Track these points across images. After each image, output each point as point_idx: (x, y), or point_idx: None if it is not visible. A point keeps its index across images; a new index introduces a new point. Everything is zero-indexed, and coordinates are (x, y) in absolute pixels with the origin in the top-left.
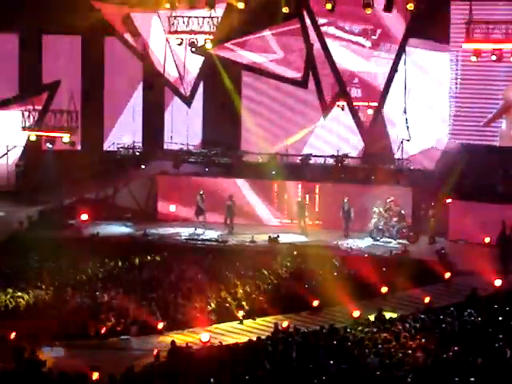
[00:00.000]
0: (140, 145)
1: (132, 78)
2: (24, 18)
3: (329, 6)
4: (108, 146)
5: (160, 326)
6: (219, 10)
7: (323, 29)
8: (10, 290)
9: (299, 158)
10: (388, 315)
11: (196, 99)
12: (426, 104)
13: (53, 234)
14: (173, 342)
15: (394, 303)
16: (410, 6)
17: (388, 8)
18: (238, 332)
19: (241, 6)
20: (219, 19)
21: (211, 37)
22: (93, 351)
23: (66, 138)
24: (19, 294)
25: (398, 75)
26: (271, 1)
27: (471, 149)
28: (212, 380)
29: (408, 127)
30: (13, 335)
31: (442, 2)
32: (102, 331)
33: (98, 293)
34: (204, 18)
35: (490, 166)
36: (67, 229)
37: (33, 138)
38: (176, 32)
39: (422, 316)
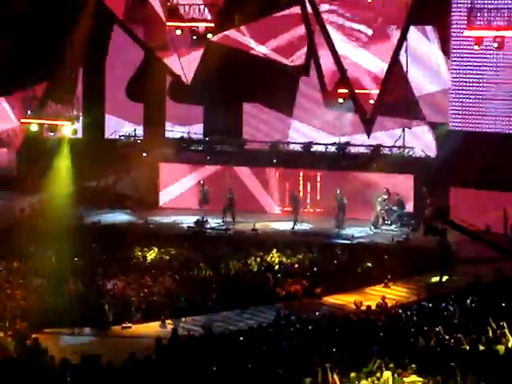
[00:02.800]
0: (141, 133)
1: (133, 66)
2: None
3: None
4: (109, 133)
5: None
6: None
7: (324, 16)
8: None
9: (301, 145)
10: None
11: (197, 87)
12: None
13: (54, 222)
14: (174, 330)
15: (396, 291)
16: None
17: None
18: (239, 319)
19: None
20: (220, 7)
21: (212, 25)
22: (95, 339)
23: (67, 128)
24: None
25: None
26: None
27: (472, 136)
28: (214, 368)
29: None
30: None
31: None
32: (105, 319)
33: (100, 281)
34: (205, 5)
35: (491, 153)
36: (69, 217)
37: (34, 127)
38: (177, 20)
39: (424, 303)
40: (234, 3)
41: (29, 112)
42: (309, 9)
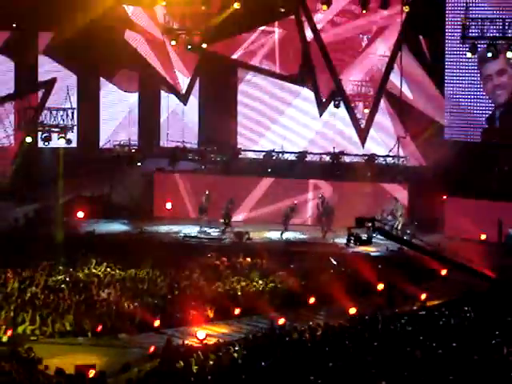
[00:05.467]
0: (136, 142)
1: (128, 75)
2: (21, 15)
3: (324, 8)
4: (104, 143)
5: (157, 323)
6: (215, 8)
7: (319, 26)
8: None
9: (295, 155)
10: None
11: (192, 97)
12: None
13: (49, 232)
14: (168, 340)
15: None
16: (406, 8)
17: (384, 5)
18: (234, 329)
19: (236, 5)
20: (215, 17)
21: (207, 34)
22: (89, 349)
23: (62, 138)
24: None
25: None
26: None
27: (467, 145)
28: (209, 378)
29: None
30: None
31: None
32: (99, 329)
33: (94, 290)
34: (200, 15)
35: (485, 162)
36: (63, 226)
37: (29, 139)
38: (172, 29)
39: (419, 313)
40: (228, 13)
41: (23, 122)
42: (303, 19)
